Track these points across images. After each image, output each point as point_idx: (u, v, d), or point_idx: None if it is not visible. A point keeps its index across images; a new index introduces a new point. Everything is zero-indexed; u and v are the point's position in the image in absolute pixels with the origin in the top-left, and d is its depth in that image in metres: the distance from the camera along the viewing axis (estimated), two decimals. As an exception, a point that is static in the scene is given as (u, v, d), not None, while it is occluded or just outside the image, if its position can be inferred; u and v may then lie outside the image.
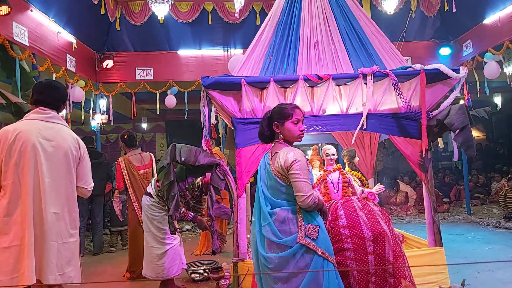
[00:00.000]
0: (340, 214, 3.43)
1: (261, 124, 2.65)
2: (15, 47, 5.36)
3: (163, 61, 8.33)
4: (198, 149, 3.74)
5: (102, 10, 7.30)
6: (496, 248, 5.58)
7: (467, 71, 3.82)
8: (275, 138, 2.63)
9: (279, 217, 2.44)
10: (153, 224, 4.00)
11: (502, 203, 7.54)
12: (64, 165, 2.53)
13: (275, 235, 2.43)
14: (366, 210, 3.45)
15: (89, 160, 2.74)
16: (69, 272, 2.49)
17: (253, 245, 2.59)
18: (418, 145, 3.74)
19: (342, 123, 3.77)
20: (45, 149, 2.48)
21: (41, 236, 2.41)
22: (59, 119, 2.64)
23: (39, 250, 2.40)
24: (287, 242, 2.40)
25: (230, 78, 3.69)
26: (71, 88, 7.22)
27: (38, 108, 2.58)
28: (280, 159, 2.47)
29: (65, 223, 2.50)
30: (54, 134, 2.53)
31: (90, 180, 2.72)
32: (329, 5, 4.19)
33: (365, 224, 3.30)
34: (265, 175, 2.58)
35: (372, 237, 3.24)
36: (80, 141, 2.68)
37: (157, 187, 4.00)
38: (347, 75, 3.70)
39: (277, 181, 2.48)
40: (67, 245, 2.50)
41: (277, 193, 2.50)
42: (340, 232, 3.32)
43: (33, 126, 2.50)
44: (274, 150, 2.59)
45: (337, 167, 4.38)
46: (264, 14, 7.60)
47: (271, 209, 2.49)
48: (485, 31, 7.26)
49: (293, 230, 2.42)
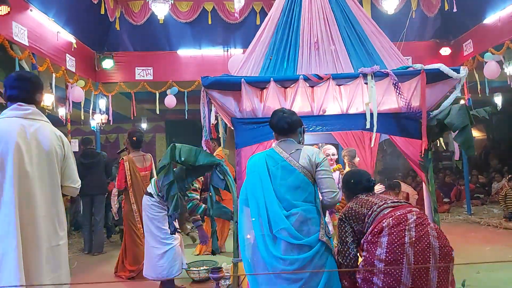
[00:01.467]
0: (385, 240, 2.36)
1: (290, 115, 2.65)
2: (15, 47, 5.35)
3: (163, 61, 8.33)
4: (198, 149, 3.73)
5: (102, 10, 7.30)
6: (497, 248, 5.58)
7: (468, 71, 3.82)
8: (293, 138, 2.64)
9: (301, 218, 2.38)
10: (154, 224, 4.00)
11: (503, 203, 7.54)
12: (48, 165, 2.40)
13: (294, 237, 2.36)
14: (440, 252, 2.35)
15: (73, 156, 2.62)
16: (61, 275, 2.41)
17: (253, 246, 2.48)
18: (418, 145, 3.73)
19: (342, 123, 3.77)
20: (28, 149, 2.33)
21: (32, 241, 2.29)
22: (40, 115, 2.47)
23: (31, 255, 2.29)
24: (309, 242, 2.36)
25: (230, 78, 3.68)
26: (71, 88, 7.21)
27: (16, 104, 2.41)
28: (308, 155, 2.47)
29: (53, 226, 2.40)
30: (34, 133, 2.38)
31: (77, 178, 2.59)
32: (329, 5, 4.18)
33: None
34: (280, 174, 2.48)
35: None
36: (63, 138, 2.54)
37: (157, 187, 3.99)
38: (347, 75, 3.69)
39: (303, 179, 2.44)
40: (57, 248, 2.41)
41: (299, 192, 2.44)
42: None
43: (13, 126, 2.34)
44: (288, 148, 2.56)
45: (337, 167, 4.38)
46: (264, 14, 7.60)
47: (287, 211, 2.40)
48: (485, 31, 7.25)
49: (312, 230, 2.38)
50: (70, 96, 7.19)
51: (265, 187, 2.47)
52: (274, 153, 2.58)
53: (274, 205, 2.41)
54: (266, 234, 2.41)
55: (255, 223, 2.46)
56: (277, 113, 2.70)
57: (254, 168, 2.59)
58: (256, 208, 2.48)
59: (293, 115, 2.68)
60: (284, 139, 2.63)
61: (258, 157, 2.63)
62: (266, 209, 2.43)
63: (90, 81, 7.85)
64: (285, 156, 2.51)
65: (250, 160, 2.67)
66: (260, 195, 2.47)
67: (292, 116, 2.67)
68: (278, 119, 2.65)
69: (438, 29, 8.40)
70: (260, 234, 2.43)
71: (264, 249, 2.40)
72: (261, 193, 2.47)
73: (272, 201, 2.42)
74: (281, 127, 2.63)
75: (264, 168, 2.53)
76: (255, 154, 2.69)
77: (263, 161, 2.57)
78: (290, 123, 2.63)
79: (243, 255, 2.54)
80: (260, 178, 2.51)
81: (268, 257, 2.39)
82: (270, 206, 2.42)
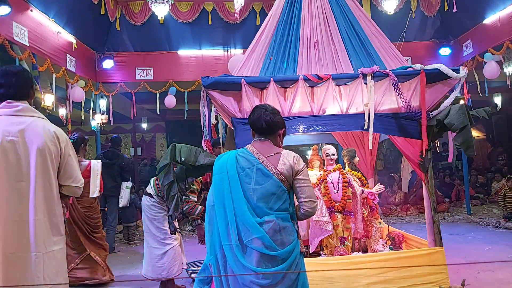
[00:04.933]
0: None
1: (272, 114, 2.35)
2: (15, 47, 5.36)
3: (163, 61, 8.33)
4: (198, 149, 3.74)
5: (102, 10, 7.30)
6: (496, 248, 5.58)
7: (467, 71, 3.82)
8: (272, 139, 2.36)
9: (275, 226, 2.15)
10: (153, 225, 4.00)
11: (502, 203, 7.54)
12: (39, 164, 2.22)
13: (269, 248, 2.12)
14: None
15: (75, 153, 2.45)
16: (59, 283, 2.25)
17: (220, 258, 2.22)
18: (418, 145, 3.74)
19: (342, 123, 3.77)
20: (16, 148, 2.19)
21: (16, 248, 2.15)
22: (32, 111, 2.32)
23: (16, 264, 2.14)
24: (284, 254, 2.14)
25: (230, 78, 3.69)
26: (71, 88, 7.22)
27: (5, 102, 2.27)
28: (289, 161, 2.24)
29: (46, 230, 2.22)
30: (24, 129, 2.22)
31: (80, 177, 2.42)
32: (329, 5, 4.19)
33: None
34: (254, 178, 2.21)
35: None
36: (59, 134, 2.35)
37: (157, 187, 4.00)
38: (347, 75, 3.70)
39: (279, 186, 2.20)
40: (52, 254, 2.23)
41: (274, 199, 2.19)
42: None
43: (1, 124, 2.21)
44: (265, 150, 2.29)
45: (337, 167, 4.38)
46: (264, 14, 7.60)
47: (260, 218, 2.16)
48: (485, 31, 7.26)
49: (286, 240, 2.16)
50: (70, 96, 7.19)
51: (234, 191, 2.20)
52: (248, 153, 2.29)
53: (245, 211, 2.15)
54: (235, 245, 2.15)
55: (222, 232, 2.19)
56: (259, 109, 2.38)
57: (222, 169, 2.27)
58: (223, 215, 2.20)
59: (275, 115, 2.37)
60: (260, 139, 2.35)
61: (228, 157, 2.31)
62: (234, 216, 2.17)
63: (90, 81, 7.86)
64: (261, 159, 2.24)
65: (218, 161, 2.35)
66: (229, 201, 2.19)
67: (274, 116, 2.35)
68: (258, 117, 2.34)
69: (437, 29, 8.41)
70: (228, 244, 2.17)
71: (233, 260, 2.15)
72: (230, 198, 2.20)
73: (242, 207, 2.16)
74: (259, 125, 2.33)
75: (234, 170, 2.24)
76: (223, 153, 2.39)
77: (233, 161, 2.27)
78: (270, 123, 2.33)
79: (212, 262, 2.27)
80: (229, 181, 2.22)
81: (238, 268, 2.13)
82: (240, 212, 2.16)
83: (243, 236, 2.15)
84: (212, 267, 2.25)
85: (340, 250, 4.05)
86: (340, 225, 4.16)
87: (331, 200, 4.18)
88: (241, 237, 2.15)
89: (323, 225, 4.07)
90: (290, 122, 3.62)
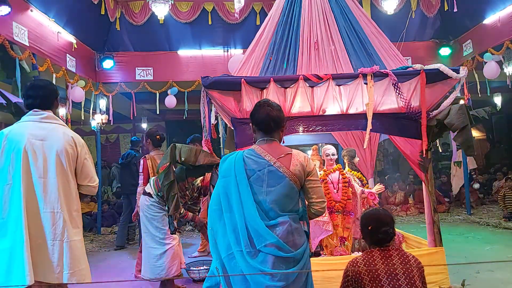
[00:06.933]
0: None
1: (278, 111, 2.28)
2: (15, 47, 5.36)
3: (163, 61, 8.33)
4: (198, 149, 3.74)
5: (102, 10, 7.30)
6: (496, 248, 5.58)
7: (467, 71, 3.82)
8: (276, 137, 2.30)
9: (289, 227, 2.11)
10: (152, 224, 3.99)
11: (501, 203, 7.55)
12: (58, 164, 2.53)
13: (283, 250, 2.08)
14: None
15: (91, 157, 2.75)
16: (82, 270, 2.53)
17: (228, 263, 2.15)
18: (418, 145, 3.74)
19: (342, 123, 3.77)
20: (37, 149, 2.51)
21: (38, 236, 2.43)
22: (55, 118, 2.66)
23: (38, 250, 2.41)
24: (298, 255, 2.12)
25: (230, 78, 3.69)
26: (71, 88, 7.22)
27: (32, 110, 2.63)
28: (301, 162, 2.21)
29: (64, 222, 2.50)
30: (46, 134, 2.56)
31: (95, 177, 2.72)
32: (329, 5, 4.19)
33: None
34: (266, 181, 2.15)
35: None
36: (76, 139, 2.67)
37: (156, 186, 3.99)
38: (347, 75, 3.70)
39: (292, 187, 2.17)
40: (73, 243, 2.51)
41: (287, 201, 2.17)
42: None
43: (25, 128, 2.55)
44: (274, 151, 2.23)
45: (337, 167, 4.38)
46: (264, 14, 7.61)
47: (271, 221, 2.11)
48: (485, 31, 7.26)
49: (298, 241, 2.14)
50: (70, 96, 7.20)
51: (243, 196, 2.13)
52: (256, 155, 2.21)
53: (255, 216, 2.09)
54: (246, 251, 2.08)
55: (231, 237, 2.12)
56: (263, 107, 2.27)
57: (229, 172, 2.20)
58: (230, 220, 2.13)
59: (280, 111, 2.30)
60: (266, 139, 2.26)
61: (235, 160, 2.22)
62: (245, 221, 2.09)
63: (90, 81, 7.86)
64: (272, 161, 2.17)
65: (224, 162, 2.28)
66: (237, 205, 2.12)
67: (280, 112, 2.29)
68: (265, 115, 2.24)
69: (437, 29, 8.41)
70: (238, 250, 2.10)
71: (245, 266, 2.08)
72: (239, 203, 2.12)
73: (252, 212, 2.09)
74: (267, 125, 2.24)
75: (243, 174, 2.16)
76: (228, 154, 2.31)
77: (241, 164, 2.19)
78: (277, 121, 2.26)
79: (219, 267, 2.20)
80: (238, 185, 2.15)
81: (249, 270, 2.07)
82: (250, 217, 2.09)
83: (256, 242, 2.08)
84: (218, 271, 2.21)
85: (340, 250, 4.05)
86: (340, 225, 4.16)
87: (331, 200, 4.19)
88: (253, 242, 2.09)
89: (323, 225, 4.07)
90: (290, 122, 3.62)
